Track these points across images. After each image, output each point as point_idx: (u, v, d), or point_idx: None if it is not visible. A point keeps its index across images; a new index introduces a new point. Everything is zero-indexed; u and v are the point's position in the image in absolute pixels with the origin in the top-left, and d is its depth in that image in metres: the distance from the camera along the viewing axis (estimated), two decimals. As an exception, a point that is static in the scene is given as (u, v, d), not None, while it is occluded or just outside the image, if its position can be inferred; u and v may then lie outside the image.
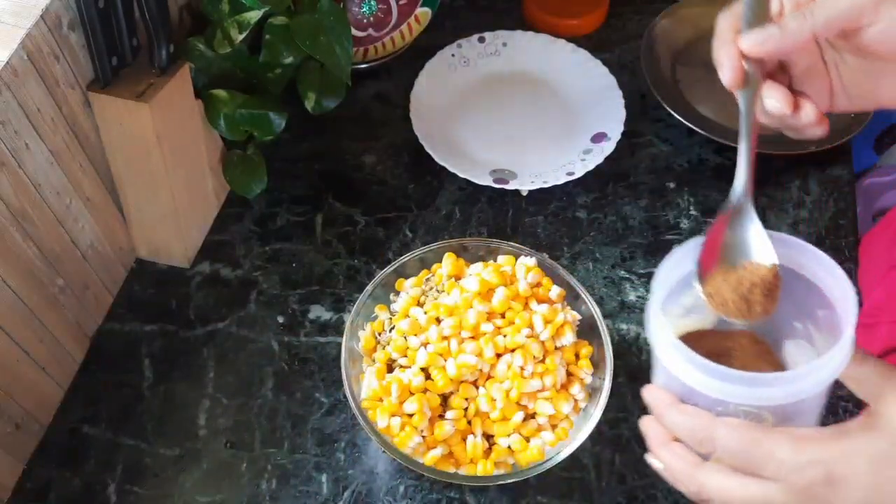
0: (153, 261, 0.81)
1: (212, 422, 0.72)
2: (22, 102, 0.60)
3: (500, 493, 0.68)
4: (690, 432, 0.45)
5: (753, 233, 0.51)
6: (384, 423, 0.65)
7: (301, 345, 0.76)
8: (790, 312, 0.51)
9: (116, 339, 0.77)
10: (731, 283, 0.50)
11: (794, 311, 0.51)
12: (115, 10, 0.65)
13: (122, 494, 0.69)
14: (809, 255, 0.49)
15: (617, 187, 0.87)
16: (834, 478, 0.42)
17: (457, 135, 0.91)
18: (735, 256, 0.51)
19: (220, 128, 0.78)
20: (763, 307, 0.49)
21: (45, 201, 0.66)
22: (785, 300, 0.50)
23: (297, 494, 0.69)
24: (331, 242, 0.83)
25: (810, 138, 0.52)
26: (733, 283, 0.50)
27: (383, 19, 0.90)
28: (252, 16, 0.74)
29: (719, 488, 0.44)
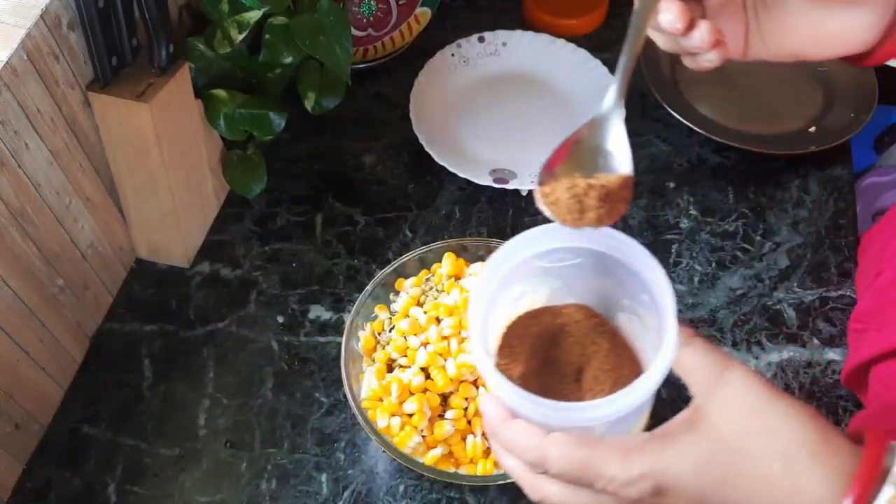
0: (153, 261, 0.81)
1: (212, 422, 0.72)
2: (22, 102, 0.60)
3: (500, 493, 0.68)
4: (522, 453, 0.45)
5: (613, 141, 0.49)
6: (384, 423, 0.65)
7: (301, 345, 0.76)
8: (618, 291, 0.51)
9: (116, 339, 0.77)
10: (566, 184, 0.48)
11: (622, 291, 0.50)
12: (114, 10, 0.65)
13: (121, 494, 0.69)
14: (632, 249, 0.48)
15: (617, 187, 0.87)
16: (661, 489, 0.42)
17: (457, 134, 0.91)
18: (585, 161, 0.49)
19: (219, 128, 0.78)
20: (597, 214, 0.47)
21: (45, 201, 0.66)
22: (612, 280, 0.50)
23: (297, 494, 0.69)
24: (331, 242, 0.83)
25: (705, 68, 0.49)
26: (569, 183, 0.48)
27: (383, 19, 0.90)
28: (252, 16, 0.74)
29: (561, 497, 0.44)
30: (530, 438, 0.44)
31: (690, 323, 0.77)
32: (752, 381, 0.43)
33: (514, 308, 0.53)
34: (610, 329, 0.52)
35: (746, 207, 0.85)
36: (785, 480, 0.41)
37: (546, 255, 0.51)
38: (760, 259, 0.82)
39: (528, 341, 0.51)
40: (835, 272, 0.80)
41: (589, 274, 0.51)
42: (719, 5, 0.49)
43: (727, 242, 0.83)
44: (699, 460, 0.42)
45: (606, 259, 0.49)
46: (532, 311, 0.53)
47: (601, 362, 0.51)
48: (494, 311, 0.51)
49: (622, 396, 0.43)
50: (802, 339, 0.76)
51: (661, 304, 0.46)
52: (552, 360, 0.52)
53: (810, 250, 0.82)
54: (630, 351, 0.52)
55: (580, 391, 0.51)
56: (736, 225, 0.84)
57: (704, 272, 0.81)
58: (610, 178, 0.48)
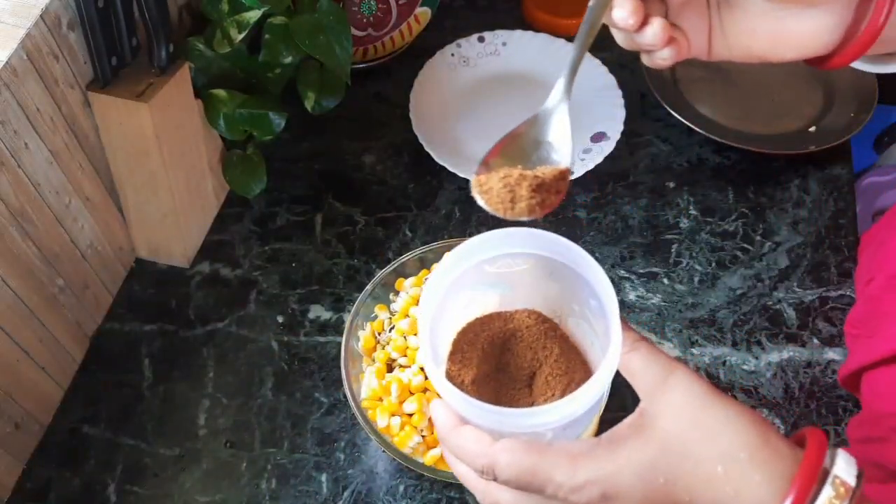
0: (153, 260, 0.81)
1: (211, 422, 0.72)
2: (21, 102, 0.60)
3: (499, 493, 0.68)
4: (472, 460, 0.45)
5: (554, 135, 0.50)
6: (384, 423, 0.65)
7: (301, 344, 0.77)
8: (567, 296, 0.51)
9: (116, 339, 0.77)
10: (500, 174, 0.49)
11: (571, 296, 0.50)
12: (114, 10, 0.65)
13: (121, 494, 0.69)
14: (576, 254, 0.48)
15: (616, 187, 0.87)
16: (608, 495, 0.42)
17: (456, 134, 0.91)
18: (525, 153, 0.50)
19: (219, 127, 0.78)
20: (528, 204, 0.48)
21: (45, 201, 0.66)
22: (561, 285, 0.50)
23: (297, 494, 0.69)
24: (330, 242, 0.83)
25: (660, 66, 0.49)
26: (504, 173, 0.49)
27: (383, 19, 0.90)
28: (251, 15, 0.74)
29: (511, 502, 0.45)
30: (479, 445, 0.44)
31: (692, 324, 0.77)
32: (695, 384, 0.43)
33: (464, 314, 0.53)
34: (561, 334, 0.52)
35: (746, 207, 0.85)
36: (727, 483, 0.41)
37: (494, 260, 0.51)
38: (760, 259, 0.82)
39: (479, 347, 0.51)
40: (835, 272, 0.80)
41: (538, 279, 0.51)
42: (682, 3, 0.49)
43: (727, 242, 0.83)
44: (644, 465, 0.42)
45: (554, 264, 0.49)
46: (483, 317, 0.53)
47: (552, 367, 0.51)
48: (444, 318, 0.51)
49: (569, 402, 0.44)
50: (802, 339, 0.76)
51: (606, 309, 0.46)
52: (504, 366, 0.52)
53: (810, 250, 0.82)
54: (580, 355, 0.52)
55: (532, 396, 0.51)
56: (736, 225, 0.84)
57: (704, 272, 0.81)
58: (546, 169, 0.48)
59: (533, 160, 0.49)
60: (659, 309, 0.78)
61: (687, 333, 0.77)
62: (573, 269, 0.49)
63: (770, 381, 0.74)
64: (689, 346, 0.76)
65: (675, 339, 0.77)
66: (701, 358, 0.75)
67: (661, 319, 0.78)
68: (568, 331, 0.53)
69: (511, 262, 0.51)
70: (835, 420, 0.72)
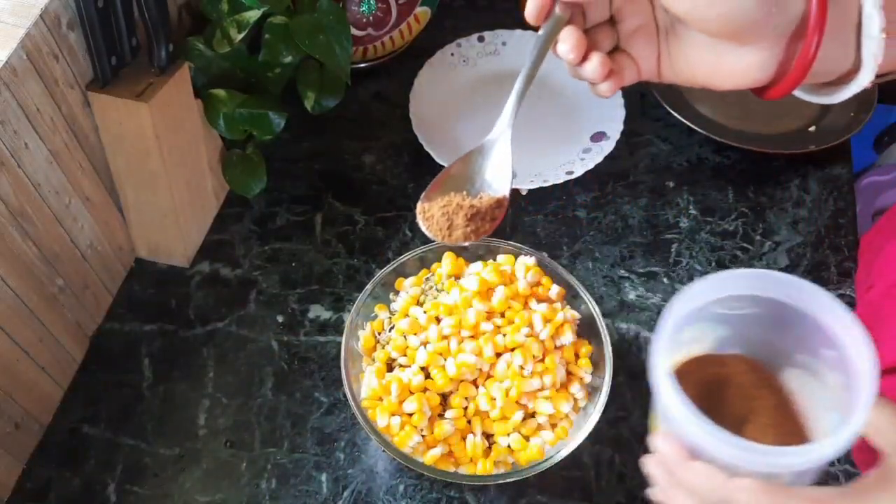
0: (153, 260, 0.81)
1: (211, 421, 0.72)
2: (21, 102, 0.60)
3: (499, 493, 0.68)
4: (705, 494, 0.44)
5: (495, 164, 0.54)
6: (384, 423, 0.65)
7: (301, 344, 0.76)
8: (791, 344, 0.50)
9: (116, 339, 0.77)
10: (441, 202, 0.54)
11: (796, 344, 0.50)
12: (114, 10, 0.65)
13: (121, 494, 0.69)
14: (823, 301, 0.48)
15: (616, 186, 0.87)
16: None
17: (456, 134, 0.91)
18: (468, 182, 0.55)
19: (219, 127, 0.78)
20: (463, 232, 0.53)
21: (45, 201, 0.66)
22: (787, 333, 0.49)
23: (297, 494, 0.69)
24: (330, 242, 0.83)
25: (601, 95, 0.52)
26: (444, 202, 0.54)
27: (383, 18, 0.90)
28: (251, 15, 0.74)
29: None
30: (714, 480, 0.43)
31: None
32: None
33: (680, 352, 0.53)
34: (777, 384, 0.52)
35: (746, 207, 0.85)
36: None
37: (724, 301, 0.50)
38: (760, 258, 0.82)
39: (691, 388, 0.50)
40: (834, 271, 0.80)
41: (762, 324, 0.51)
42: (633, 30, 0.50)
43: (727, 242, 0.83)
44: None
45: (787, 310, 0.49)
46: (697, 358, 0.53)
47: (766, 416, 0.50)
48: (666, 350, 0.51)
49: (824, 446, 0.43)
50: (802, 339, 0.76)
51: (855, 365, 0.45)
52: (714, 410, 0.51)
53: (810, 249, 0.82)
54: (795, 407, 0.51)
55: None
56: (736, 224, 0.84)
57: (704, 271, 0.81)
58: (483, 198, 0.53)
59: (475, 189, 0.54)
60: (659, 308, 0.78)
61: (687, 333, 0.77)
62: (810, 317, 0.48)
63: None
64: (689, 345, 0.76)
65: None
66: (701, 357, 0.75)
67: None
68: (785, 381, 0.52)
69: (741, 304, 0.51)
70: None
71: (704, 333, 0.53)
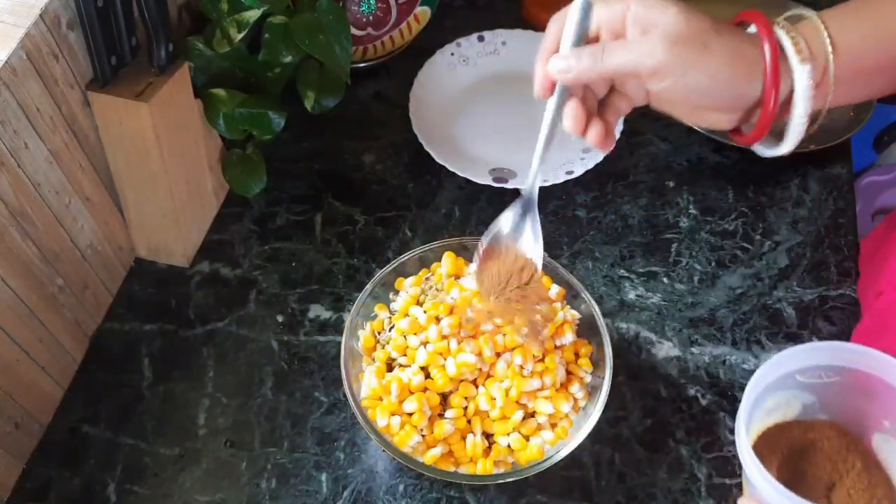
0: (153, 260, 0.81)
1: (211, 421, 0.72)
2: (21, 102, 0.60)
3: (499, 492, 0.68)
4: None
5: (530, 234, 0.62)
6: (384, 422, 0.65)
7: (301, 344, 0.77)
8: (877, 411, 0.52)
9: (116, 339, 0.77)
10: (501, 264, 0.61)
11: (882, 412, 0.52)
12: (114, 10, 0.65)
13: (121, 494, 0.69)
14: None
15: (616, 186, 0.87)
16: None
17: (456, 134, 0.91)
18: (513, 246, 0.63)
19: (219, 127, 0.78)
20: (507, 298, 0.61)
21: (45, 201, 0.66)
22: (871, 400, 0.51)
23: (297, 493, 0.69)
24: (330, 241, 0.83)
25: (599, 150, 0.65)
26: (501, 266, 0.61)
27: (382, 18, 0.90)
28: (251, 15, 0.74)
29: None
30: None
31: (692, 323, 0.77)
32: None
33: (766, 419, 0.55)
34: (863, 449, 0.53)
35: (746, 206, 0.85)
36: None
37: (806, 370, 0.53)
38: (760, 258, 0.82)
39: (779, 452, 0.52)
40: (834, 271, 0.80)
41: (845, 392, 0.53)
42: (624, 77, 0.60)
43: (727, 241, 0.83)
44: None
45: (869, 378, 0.51)
46: (783, 423, 0.55)
47: (854, 480, 0.52)
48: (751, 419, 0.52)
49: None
50: (802, 339, 0.76)
51: None
52: (802, 474, 0.52)
53: (810, 249, 0.82)
54: (884, 472, 0.53)
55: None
56: (735, 224, 0.84)
57: (704, 271, 0.81)
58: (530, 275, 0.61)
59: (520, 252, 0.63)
60: (659, 308, 0.78)
61: (686, 333, 0.77)
62: (889, 384, 0.50)
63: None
64: (689, 345, 0.76)
65: (674, 338, 0.77)
66: (701, 357, 0.75)
67: (660, 319, 0.78)
68: (872, 447, 0.53)
69: (823, 373, 0.53)
70: (834, 419, 0.72)
71: (790, 402, 0.55)
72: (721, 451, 0.70)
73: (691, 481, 0.69)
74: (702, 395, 0.73)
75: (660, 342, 0.76)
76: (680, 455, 0.70)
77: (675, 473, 0.69)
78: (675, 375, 0.74)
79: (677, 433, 0.71)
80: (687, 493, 0.68)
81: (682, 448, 0.70)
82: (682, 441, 0.71)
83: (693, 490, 0.68)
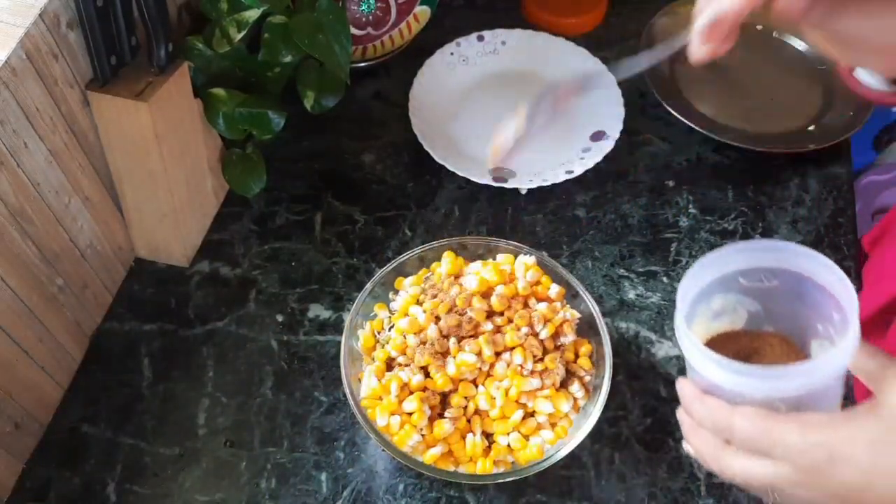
0: (152, 260, 0.81)
1: (211, 421, 0.72)
2: (21, 102, 0.60)
3: (499, 492, 0.68)
4: (712, 423, 0.50)
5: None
6: (383, 422, 0.65)
7: (300, 344, 0.77)
8: (812, 316, 0.54)
9: (116, 339, 0.77)
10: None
11: (816, 315, 0.53)
12: (113, 9, 0.65)
13: (121, 494, 0.69)
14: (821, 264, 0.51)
15: (616, 186, 0.87)
16: (836, 457, 0.45)
17: (456, 133, 0.91)
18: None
19: (219, 127, 0.78)
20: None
21: (44, 200, 0.66)
22: (808, 304, 0.53)
23: (297, 493, 0.69)
24: (330, 241, 0.83)
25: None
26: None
27: (382, 18, 0.90)
28: (251, 14, 0.74)
29: (741, 468, 0.49)
30: (719, 410, 0.49)
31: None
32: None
33: (713, 324, 0.56)
34: (804, 357, 0.55)
35: (746, 206, 0.85)
36: None
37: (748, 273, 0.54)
38: (760, 257, 0.82)
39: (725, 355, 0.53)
40: (834, 270, 0.80)
41: (785, 298, 0.54)
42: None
43: (727, 241, 0.83)
44: (876, 438, 0.45)
45: (803, 281, 0.52)
46: (731, 332, 0.57)
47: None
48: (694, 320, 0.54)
49: (807, 369, 0.47)
50: (802, 338, 0.76)
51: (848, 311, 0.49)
52: None
53: (810, 249, 0.82)
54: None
55: None
56: (735, 223, 0.84)
57: (704, 271, 0.81)
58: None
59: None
60: (659, 307, 0.78)
61: (686, 332, 0.77)
62: (821, 286, 0.52)
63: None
64: (689, 344, 0.76)
65: (674, 337, 0.77)
66: (700, 357, 0.75)
67: (660, 318, 0.78)
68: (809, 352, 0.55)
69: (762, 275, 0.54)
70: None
71: (736, 309, 0.56)
72: (721, 450, 0.70)
73: (691, 481, 0.69)
74: (701, 394, 0.73)
75: (659, 342, 0.76)
76: (680, 454, 0.70)
77: (675, 473, 0.69)
78: (674, 375, 0.74)
79: (677, 433, 0.71)
80: (687, 492, 0.68)
81: (681, 447, 0.70)
82: (682, 440, 0.71)
83: (693, 489, 0.68)
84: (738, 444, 0.49)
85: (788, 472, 0.47)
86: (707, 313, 0.56)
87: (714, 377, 0.49)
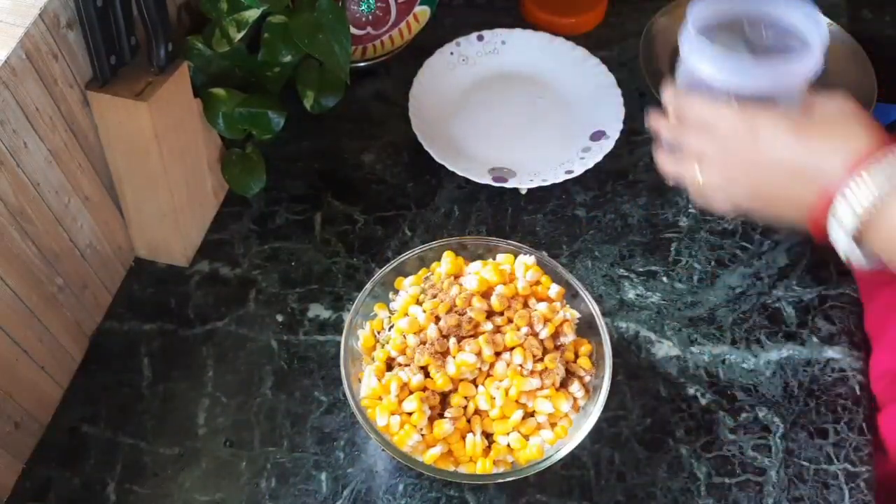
0: (152, 260, 0.81)
1: (211, 421, 0.72)
2: (20, 101, 0.60)
3: (499, 492, 0.68)
4: (675, 106, 0.66)
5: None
6: (383, 422, 0.65)
7: (300, 343, 0.77)
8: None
9: (115, 339, 0.77)
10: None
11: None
12: (113, 9, 0.65)
13: (121, 493, 0.69)
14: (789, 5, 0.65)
15: (616, 185, 0.87)
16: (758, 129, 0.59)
17: (456, 133, 0.91)
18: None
19: (218, 126, 0.78)
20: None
21: (44, 200, 0.66)
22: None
23: (297, 493, 0.69)
24: (330, 241, 0.83)
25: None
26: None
27: (382, 18, 0.90)
28: (251, 14, 0.74)
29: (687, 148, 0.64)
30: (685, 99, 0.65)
31: (692, 322, 0.77)
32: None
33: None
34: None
35: (746, 206, 0.85)
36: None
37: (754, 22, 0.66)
38: (759, 257, 0.82)
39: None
40: (834, 270, 0.80)
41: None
42: None
43: (726, 241, 0.83)
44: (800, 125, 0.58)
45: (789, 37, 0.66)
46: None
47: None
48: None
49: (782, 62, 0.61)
50: (801, 338, 0.76)
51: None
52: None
53: (809, 248, 0.82)
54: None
55: None
56: (735, 223, 0.84)
57: (704, 270, 0.81)
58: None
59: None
60: (658, 307, 0.78)
61: (686, 332, 0.77)
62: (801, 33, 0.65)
63: (769, 379, 0.74)
64: (689, 344, 0.76)
65: (674, 337, 0.77)
66: (700, 356, 0.75)
67: (660, 318, 0.78)
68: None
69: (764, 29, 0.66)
70: (834, 419, 0.72)
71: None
72: (720, 450, 0.70)
73: (691, 480, 0.69)
74: (701, 394, 0.73)
75: (659, 341, 0.76)
76: (679, 454, 0.70)
77: (675, 472, 0.69)
78: (674, 375, 0.74)
79: (677, 432, 0.71)
80: (686, 492, 0.68)
81: (681, 447, 0.70)
82: (682, 440, 0.71)
83: (692, 489, 0.68)
84: (691, 123, 0.63)
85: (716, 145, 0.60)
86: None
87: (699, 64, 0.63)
